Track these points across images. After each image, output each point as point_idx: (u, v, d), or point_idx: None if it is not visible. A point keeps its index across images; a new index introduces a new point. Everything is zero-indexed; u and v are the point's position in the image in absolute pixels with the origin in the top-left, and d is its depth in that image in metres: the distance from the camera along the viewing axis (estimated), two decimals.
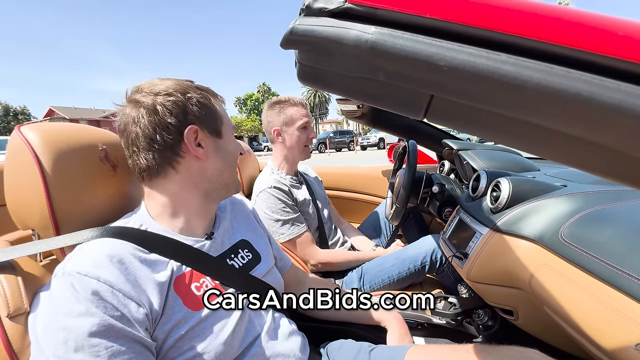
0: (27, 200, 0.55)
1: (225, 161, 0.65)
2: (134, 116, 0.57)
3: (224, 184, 0.66)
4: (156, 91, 0.57)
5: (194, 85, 0.62)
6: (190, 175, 0.61)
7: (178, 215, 0.61)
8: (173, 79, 0.61)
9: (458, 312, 1.02)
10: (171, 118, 0.57)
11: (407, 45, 0.25)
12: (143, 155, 0.58)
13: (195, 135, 0.59)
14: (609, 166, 0.25)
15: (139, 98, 0.57)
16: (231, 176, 0.67)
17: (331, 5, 0.28)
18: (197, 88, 0.62)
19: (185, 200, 0.61)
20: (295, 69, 0.35)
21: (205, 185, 0.63)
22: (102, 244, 0.51)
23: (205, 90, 0.63)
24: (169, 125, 0.57)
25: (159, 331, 0.50)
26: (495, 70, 0.23)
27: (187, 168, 0.60)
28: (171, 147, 0.58)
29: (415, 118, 0.31)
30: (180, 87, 0.59)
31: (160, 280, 0.52)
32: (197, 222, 0.64)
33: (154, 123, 0.56)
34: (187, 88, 0.60)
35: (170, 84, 0.59)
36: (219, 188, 0.65)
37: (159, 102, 0.57)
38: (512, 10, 0.23)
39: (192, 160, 0.60)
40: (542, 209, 0.77)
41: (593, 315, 0.55)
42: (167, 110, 0.57)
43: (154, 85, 0.58)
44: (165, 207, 0.60)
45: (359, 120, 1.73)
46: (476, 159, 1.17)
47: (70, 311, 0.43)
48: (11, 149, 0.56)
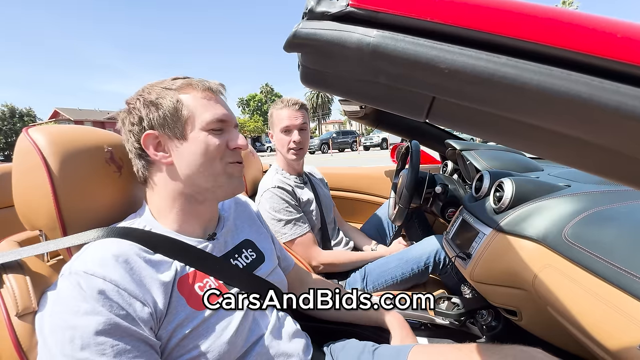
0: (34, 202, 0.56)
1: (192, 165, 0.59)
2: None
3: (201, 187, 0.61)
4: (126, 102, 0.61)
5: (161, 86, 0.60)
6: (165, 181, 0.60)
7: (174, 218, 0.62)
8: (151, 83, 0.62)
9: (461, 313, 1.02)
10: (132, 127, 0.59)
11: (409, 48, 0.26)
12: (132, 161, 0.62)
13: (156, 141, 0.58)
14: (608, 167, 0.25)
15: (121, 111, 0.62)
16: (207, 179, 0.60)
17: (333, 9, 0.28)
18: (164, 88, 0.59)
19: (173, 205, 0.61)
20: (298, 72, 0.35)
21: (182, 189, 0.60)
22: (108, 244, 0.52)
23: (175, 87, 0.59)
24: (132, 134, 0.60)
25: (164, 330, 0.51)
26: (495, 72, 0.23)
27: (159, 174, 0.60)
28: (139, 155, 0.60)
29: (417, 120, 0.31)
30: (140, 93, 0.60)
31: (165, 280, 0.53)
32: (195, 224, 0.64)
33: (125, 133, 0.61)
34: (147, 91, 0.59)
35: (140, 90, 0.61)
36: (199, 192, 0.61)
37: (124, 115, 0.61)
38: (511, 13, 0.23)
39: (162, 166, 0.60)
40: (546, 209, 0.77)
41: (597, 316, 0.55)
42: (128, 121, 0.60)
43: (130, 97, 0.62)
44: (162, 209, 0.61)
45: (362, 121, 1.73)
46: (479, 159, 1.17)
47: (77, 310, 0.44)
48: (19, 151, 0.57)
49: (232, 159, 0.63)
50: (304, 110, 1.33)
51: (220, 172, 0.61)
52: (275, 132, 1.33)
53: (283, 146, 1.31)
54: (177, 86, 0.59)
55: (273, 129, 1.35)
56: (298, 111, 1.30)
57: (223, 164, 0.61)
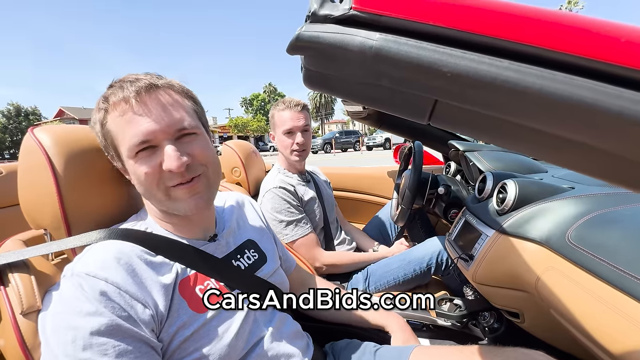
0: (39, 201, 0.56)
1: (140, 191, 0.56)
2: None
3: (163, 208, 0.58)
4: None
5: (98, 101, 0.54)
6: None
7: (171, 221, 0.61)
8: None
9: (463, 314, 1.02)
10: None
11: (411, 51, 0.26)
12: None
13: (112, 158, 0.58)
14: (612, 171, 0.25)
15: None
16: (160, 204, 0.57)
17: (336, 12, 0.28)
18: (97, 106, 0.54)
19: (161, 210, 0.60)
20: (301, 74, 0.35)
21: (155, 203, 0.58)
22: (110, 246, 0.52)
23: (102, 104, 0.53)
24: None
25: (165, 333, 0.51)
26: (498, 76, 0.23)
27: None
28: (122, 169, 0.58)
29: (420, 122, 0.31)
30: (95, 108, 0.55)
31: (166, 283, 0.53)
32: (191, 227, 0.63)
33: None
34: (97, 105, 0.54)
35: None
36: (162, 211, 0.59)
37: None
38: (514, 17, 0.23)
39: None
40: (549, 211, 0.76)
41: (600, 319, 0.55)
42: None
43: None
44: (157, 213, 0.61)
45: (365, 121, 1.73)
46: (482, 160, 1.17)
47: (79, 311, 0.44)
48: (24, 150, 0.58)
49: (173, 182, 0.53)
50: (306, 111, 1.33)
51: (163, 198, 0.55)
52: (277, 133, 1.33)
53: (286, 148, 1.31)
54: (100, 106, 0.53)
55: (275, 130, 1.35)
56: (300, 112, 1.29)
57: (162, 189, 0.54)
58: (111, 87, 0.53)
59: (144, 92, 0.51)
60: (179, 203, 0.55)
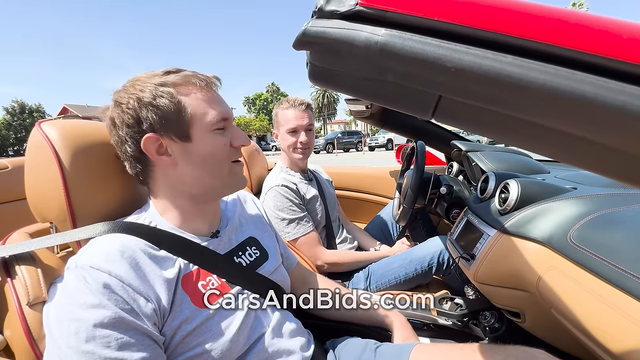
0: (46, 194, 0.57)
1: (199, 166, 0.58)
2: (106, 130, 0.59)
3: (209, 187, 0.61)
4: (114, 101, 0.56)
5: (155, 82, 0.55)
6: (169, 183, 0.59)
7: (177, 216, 0.62)
8: (137, 80, 0.56)
9: (464, 313, 1.02)
10: (127, 129, 0.55)
11: (416, 47, 0.26)
12: (127, 165, 0.59)
13: (157, 144, 0.56)
14: (615, 167, 0.25)
15: (108, 108, 0.57)
16: (212, 179, 0.60)
17: (342, 8, 0.28)
18: (161, 85, 0.55)
19: (175, 205, 0.61)
20: (306, 70, 0.36)
21: (189, 190, 0.60)
22: (114, 240, 0.53)
23: (173, 84, 0.55)
24: (127, 137, 0.55)
25: (168, 327, 0.52)
26: (501, 71, 0.24)
27: (163, 176, 0.59)
28: (138, 158, 0.57)
29: (423, 118, 0.32)
30: (134, 93, 0.54)
31: (168, 277, 0.53)
32: (199, 222, 0.64)
33: (116, 136, 0.57)
34: (143, 91, 0.54)
35: (127, 88, 0.56)
36: (204, 192, 0.61)
37: (113, 115, 0.56)
38: (518, 13, 0.23)
39: (167, 168, 0.58)
40: (551, 211, 0.76)
41: (601, 319, 0.55)
42: (120, 121, 0.55)
43: (118, 93, 0.57)
44: (165, 207, 0.61)
45: (368, 121, 1.73)
46: (485, 161, 1.17)
47: (83, 303, 0.45)
48: (32, 144, 0.58)
49: (236, 157, 0.62)
50: (310, 110, 1.34)
51: (227, 171, 0.61)
52: (281, 132, 1.33)
53: (289, 146, 1.31)
54: (172, 82, 0.55)
55: (278, 128, 1.35)
56: (304, 111, 1.30)
57: (228, 163, 0.61)
58: (178, 71, 0.58)
59: (218, 83, 0.61)
60: (236, 177, 0.64)
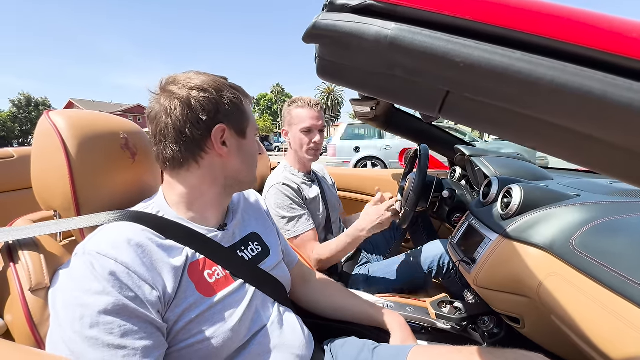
0: (52, 182, 0.58)
1: (244, 161, 0.66)
2: (167, 107, 0.57)
3: (240, 181, 0.67)
4: (192, 85, 0.58)
5: (228, 84, 0.63)
6: (211, 171, 0.62)
7: (194, 206, 0.63)
8: (209, 75, 0.62)
9: (463, 317, 1.02)
10: (203, 114, 0.58)
11: (425, 41, 0.26)
12: (170, 146, 0.59)
13: (222, 134, 0.60)
14: (623, 166, 0.25)
15: (175, 90, 0.58)
16: (248, 175, 0.68)
17: (354, 2, 0.29)
18: (231, 87, 0.63)
19: (202, 193, 0.63)
20: (312, 70, 0.36)
21: (224, 181, 0.64)
22: (122, 228, 0.53)
23: (237, 89, 0.65)
24: (200, 121, 0.58)
25: (171, 313, 0.52)
26: (510, 67, 0.24)
27: (209, 164, 0.62)
28: (198, 142, 0.59)
29: (430, 114, 0.32)
30: (215, 84, 0.60)
31: (176, 265, 0.54)
32: (211, 214, 0.65)
33: (185, 117, 0.57)
34: (222, 86, 0.61)
35: (207, 80, 0.60)
36: (235, 184, 0.67)
37: (193, 96, 0.57)
38: (528, 9, 0.24)
39: (215, 157, 0.62)
40: (554, 217, 0.76)
41: (602, 326, 0.55)
42: (200, 106, 0.58)
43: (189, 79, 0.59)
44: (182, 197, 0.62)
45: (371, 123, 1.73)
46: (488, 166, 1.17)
47: (88, 289, 0.45)
48: (39, 133, 0.59)
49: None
50: (322, 113, 1.35)
51: (255, 167, 0.71)
52: (294, 130, 1.32)
53: (302, 145, 1.31)
54: (239, 89, 0.65)
55: (290, 127, 1.34)
56: (319, 112, 1.31)
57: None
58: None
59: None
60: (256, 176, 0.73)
